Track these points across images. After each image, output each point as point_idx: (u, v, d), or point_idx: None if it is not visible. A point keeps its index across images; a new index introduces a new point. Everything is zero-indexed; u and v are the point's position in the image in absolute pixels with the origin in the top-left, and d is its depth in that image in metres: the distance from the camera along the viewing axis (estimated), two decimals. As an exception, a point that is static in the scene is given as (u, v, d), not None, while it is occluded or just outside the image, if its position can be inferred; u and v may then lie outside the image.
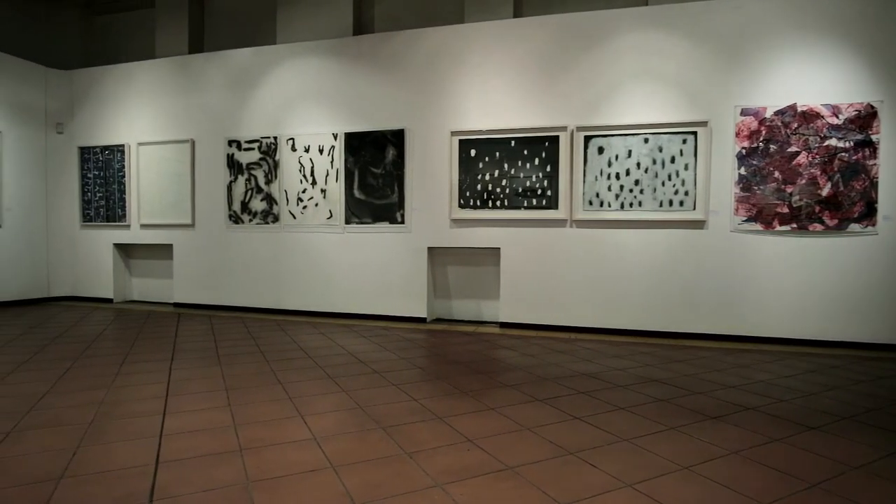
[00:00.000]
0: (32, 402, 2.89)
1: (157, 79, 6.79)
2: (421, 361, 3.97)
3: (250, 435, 2.45)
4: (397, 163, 5.58)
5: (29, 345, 4.39)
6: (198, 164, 6.50)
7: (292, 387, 3.24)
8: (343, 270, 5.85)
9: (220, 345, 4.45)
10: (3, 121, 6.66)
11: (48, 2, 7.60)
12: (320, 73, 5.97)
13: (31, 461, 2.15)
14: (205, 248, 6.47)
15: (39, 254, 7.10)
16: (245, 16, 7.04)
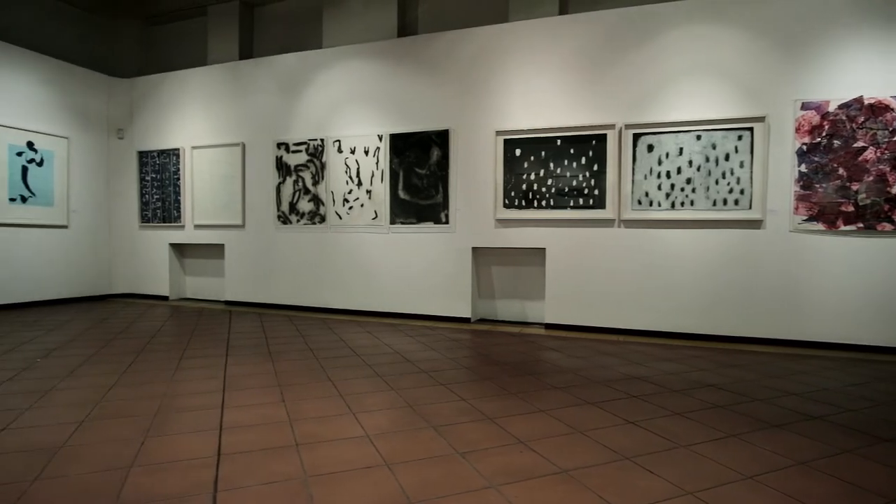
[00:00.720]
0: (102, 394, 3.05)
1: (210, 84, 7.04)
2: (467, 361, 3.97)
3: (305, 430, 2.50)
4: (442, 163, 5.60)
5: (95, 339, 4.63)
6: (248, 167, 6.71)
7: (343, 384, 3.29)
8: (387, 270, 5.92)
9: (270, 342, 4.57)
10: (71, 128, 7.06)
11: (110, 15, 8.00)
12: (365, 76, 6.05)
13: (103, 449, 2.27)
14: (254, 248, 6.67)
15: (102, 253, 7.49)
16: (292, 21, 7.22)
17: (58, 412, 2.74)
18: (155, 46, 8.22)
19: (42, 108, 6.74)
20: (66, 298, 7.04)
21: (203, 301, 7.30)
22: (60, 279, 6.96)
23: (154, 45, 8.23)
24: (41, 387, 3.18)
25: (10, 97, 6.40)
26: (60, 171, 6.92)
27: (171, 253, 7.37)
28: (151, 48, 8.23)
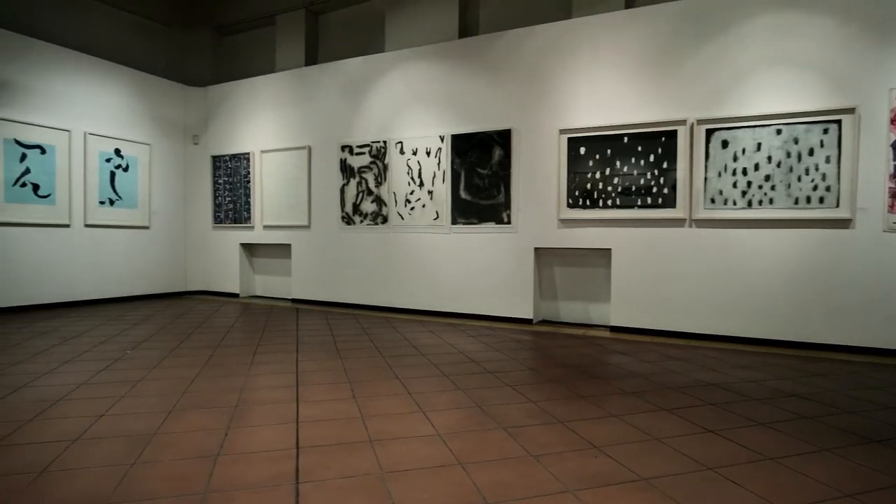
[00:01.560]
0: (186, 385, 3.23)
1: (278, 90, 7.32)
2: (532, 363, 3.93)
3: (378, 427, 2.55)
4: (503, 163, 5.57)
5: (176, 333, 4.91)
6: (313, 169, 6.92)
7: (410, 383, 3.33)
8: (449, 270, 5.95)
9: (337, 339, 4.70)
10: (152, 135, 7.53)
11: (186, 27, 8.47)
12: (427, 77, 6.11)
13: (192, 438, 2.40)
14: (319, 248, 6.88)
15: (179, 252, 7.95)
16: (355, 27, 7.39)
17: (148, 401, 2.92)
18: (227, 56, 8.64)
19: (127, 117, 7.23)
20: (147, 295, 7.52)
21: (271, 299, 7.60)
22: (142, 276, 7.44)
23: (226, 54, 8.65)
24: (132, 377, 3.41)
25: (101, 108, 6.90)
26: (143, 176, 7.40)
27: (241, 252, 7.71)
28: (224, 58, 8.65)
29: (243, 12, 8.08)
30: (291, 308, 6.72)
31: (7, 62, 6.01)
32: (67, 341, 4.49)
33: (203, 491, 1.90)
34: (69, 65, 6.59)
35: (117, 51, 7.52)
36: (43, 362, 3.76)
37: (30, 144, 6.18)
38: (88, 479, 1.98)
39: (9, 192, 5.99)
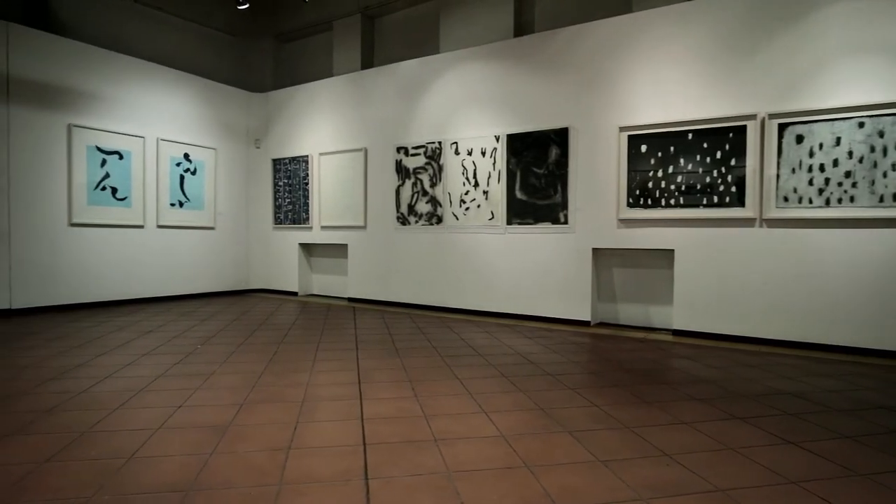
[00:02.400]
0: (254, 380, 3.35)
1: (335, 94, 7.50)
2: (593, 366, 3.84)
3: (441, 426, 2.56)
4: (561, 162, 5.49)
5: (241, 329, 5.11)
6: (369, 171, 7.05)
7: (470, 383, 3.33)
8: (503, 270, 5.91)
9: (395, 338, 4.76)
10: (218, 140, 7.89)
11: (249, 37, 8.82)
12: (482, 77, 6.10)
13: (263, 431, 2.48)
14: (375, 248, 7.00)
15: (241, 252, 8.28)
16: (410, 29, 7.47)
17: (221, 394, 3.05)
18: (287, 62, 8.93)
19: (195, 123, 7.60)
20: (212, 292, 7.87)
21: (328, 297, 7.79)
22: (208, 275, 7.80)
23: (286, 61, 8.94)
24: (204, 370, 3.57)
25: (172, 115, 7.28)
26: (209, 179, 7.75)
27: (299, 252, 7.95)
28: (284, 64, 8.95)
29: (302, 20, 8.33)
30: (348, 307, 6.86)
31: (91, 74, 6.44)
32: (144, 335, 4.76)
33: (277, 483, 1.96)
34: (144, 75, 6.99)
35: (187, 61, 7.92)
36: (124, 355, 4.00)
37: (109, 150, 6.60)
38: (172, 466, 2.09)
39: (91, 195, 6.42)
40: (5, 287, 5.76)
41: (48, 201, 6.07)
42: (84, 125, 6.36)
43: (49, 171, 6.08)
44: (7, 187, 5.75)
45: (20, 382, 3.24)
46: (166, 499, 1.84)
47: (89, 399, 2.93)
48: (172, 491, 1.89)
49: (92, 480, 1.97)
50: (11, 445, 2.29)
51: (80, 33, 6.78)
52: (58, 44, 6.19)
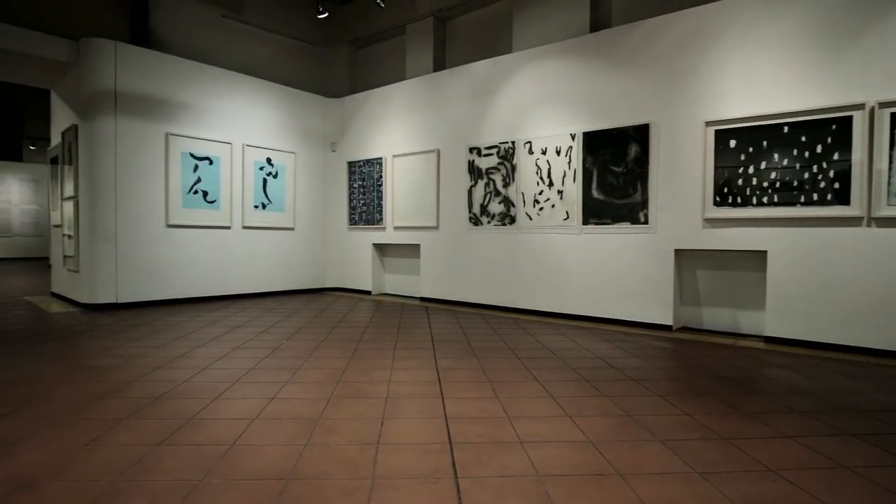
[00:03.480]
0: (338, 375, 3.46)
1: (408, 97, 7.63)
2: (679, 373, 3.67)
3: (526, 429, 2.53)
4: (640, 160, 5.29)
5: (322, 326, 5.31)
6: (442, 171, 7.11)
7: (551, 386, 3.28)
8: (579, 272, 5.77)
9: (470, 338, 4.77)
10: (297, 144, 8.24)
11: (325, 44, 9.16)
12: (557, 75, 5.99)
13: (352, 425, 2.56)
14: (447, 248, 7.05)
15: (318, 252, 8.61)
16: (482, 29, 7.47)
17: (308, 388, 3.17)
18: (361, 67, 9.20)
19: (277, 129, 7.98)
20: (291, 290, 8.23)
21: (400, 297, 7.94)
22: (287, 273, 8.16)
23: (361, 66, 9.21)
24: (291, 364, 3.73)
25: (255, 121, 7.69)
26: (289, 182, 8.12)
27: (373, 252, 8.16)
28: (359, 69, 9.22)
29: (376, 25, 8.55)
30: (420, 306, 6.96)
31: (185, 86, 6.93)
32: (233, 330, 5.05)
33: (370, 476, 2.02)
34: (231, 85, 7.43)
35: (269, 70, 8.35)
36: (218, 347, 4.26)
37: (200, 157, 7.06)
38: (271, 455, 2.20)
39: (185, 198, 6.90)
40: (112, 283, 6.31)
41: (148, 204, 6.58)
42: (179, 133, 6.84)
43: (149, 176, 6.59)
44: (114, 191, 6.29)
45: (132, 370, 3.53)
46: (268, 486, 1.93)
47: (192, 388, 3.14)
48: (273, 479, 1.99)
49: (201, 464, 2.10)
50: (130, 427, 2.49)
51: (176, 48, 7.31)
52: (157, 59, 6.70)
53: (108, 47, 6.28)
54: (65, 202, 6.97)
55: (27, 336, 4.68)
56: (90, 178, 6.27)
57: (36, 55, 6.17)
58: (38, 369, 3.54)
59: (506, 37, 7.08)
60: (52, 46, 6.24)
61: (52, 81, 7.22)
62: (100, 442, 2.32)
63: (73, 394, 3.01)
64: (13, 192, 17.03)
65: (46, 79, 7.12)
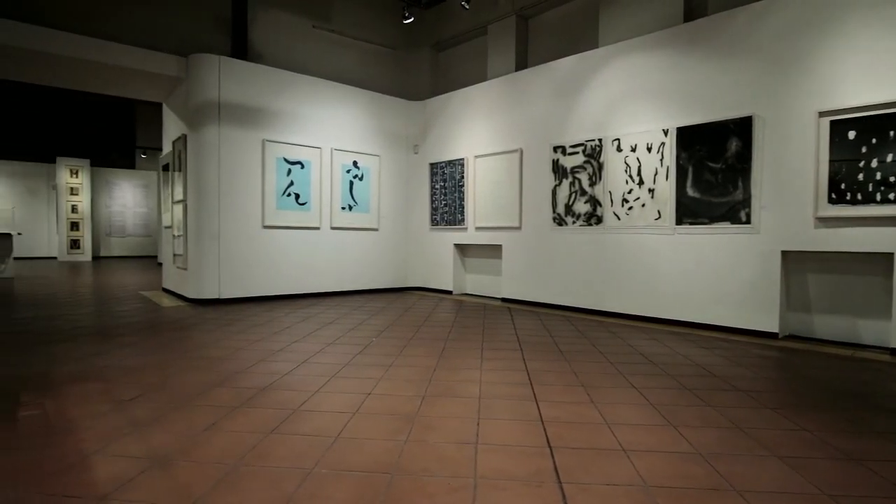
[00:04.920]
0: (429, 374, 3.52)
1: (490, 97, 7.62)
2: (792, 384, 3.40)
3: (627, 436, 2.44)
4: (741, 155, 4.95)
5: (408, 325, 5.42)
6: (525, 171, 7.04)
7: (649, 392, 3.14)
8: (671, 274, 5.50)
9: (557, 341, 4.68)
10: (381, 147, 8.48)
11: (407, 48, 9.36)
12: (647, 69, 5.74)
13: (448, 424, 2.58)
14: (530, 249, 6.97)
15: (401, 252, 8.80)
16: (566, 26, 7.32)
17: (402, 385, 3.24)
18: (442, 70, 9.31)
19: (362, 133, 8.25)
20: (375, 289, 8.48)
21: (481, 297, 7.95)
22: (373, 273, 8.42)
23: (442, 68, 9.33)
24: (383, 362, 3.84)
25: (342, 126, 8.00)
26: (374, 184, 8.37)
27: (454, 252, 8.22)
28: (440, 72, 9.34)
29: (458, 27, 8.61)
30: (502, 307, 6.92)
31: (279, 94, 7.33)
32: (325, 326, 5.28)
33: (472, 475, 2.02)
34: (321, 92, 7.77)
35: (355, 75, 8.65)
36: (313, 343, 4.47)
37: (293, 161, 7.44)
38: (374, 449, 2.26)
39: (279, 200, 7.30)
40: (215, 279, 6.80)
41: (247, 206, 7.02)
42: (274, 139, 7.25)
43: (247, 180, 7.04)
44: (218, 195, 6.78)
45: (238, 362, 3.78)
46: (375, 479, 1.99)
47: (293, 380, 3.31)
48: (379, 472, 2.04)
49: (310, 454, 2.21)
50: (243, 415, 2.66)
51: (271, 59, 7.75)
52: (254, 70, 7.14)
53: (213, 62, 6.78)
54: (175, 205, 7.60)
55: (146, 327, 5.15)
56: (197, 183, 6.79)
57: (151, 72, 6.78)
58: (158, 358, 3.88)
59: (591, 32, 6.88)
60: (165, 63, 6.83)
61: (164, 95, 7.90)
62: (218, 428, 2.50)
63: (189, 382, 3.26)
64: (127, 196, 18.83)
65: (160, 93, 7.80)
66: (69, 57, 6.20)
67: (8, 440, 2.34)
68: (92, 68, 6.62)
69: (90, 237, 17.44)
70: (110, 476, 1.99)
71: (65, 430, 2.45)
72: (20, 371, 3.49)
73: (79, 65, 6.49)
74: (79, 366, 3.63)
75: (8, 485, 1.92)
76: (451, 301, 7.52)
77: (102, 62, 6.40)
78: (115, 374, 3.44)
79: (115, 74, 6.90)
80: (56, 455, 2.18)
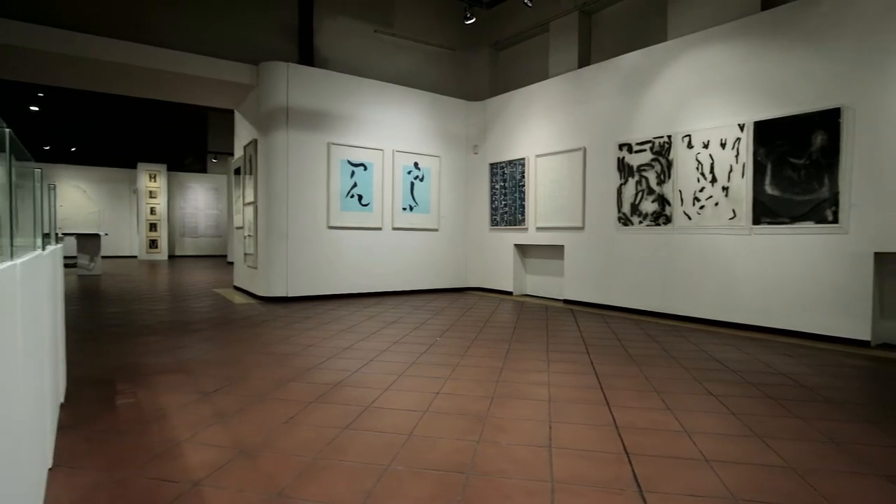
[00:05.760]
0: (496, 375, 3.50)
1: (552, 95, 7.51)
2: (890, 397, 3.14)
3: (708, 446, 2.33)
4: (828, 149, 4.63)
5: (470, 325, 5.42)
6: (588, 170, 6.89)
7: (729, 401, 2.99)
8: (748, 276, 5.22)
9: (624, 344, 4.54)
10: (441, 148, 8.54)
11: (467, 48, 9.38)
12: (721, 61, 5.48)
13: (520, 426, 2.56)
14: (593, 249, 6.80)
15: (460, 252, 8.83)
16: (632, 20, 7.10)
17: (469, 385, 3.25)
18: (502, 69, 9.26)
19: (422, 134, 8.34)
20: (435, 289, 8.54)
21: (542, 298, 7.84)
22: (433, 273, 8.49)
23: (501, 68, 9.28)
24: (449, 361, 3.85)
25: (403, 128, 8.11)
26: (434, 184, 8.44)
27: (514, 253, 8.16)
28: (499, 71, 9.30)
29: (518, 26, 8.55)
30: (564, 308, 6.80)
31: (342, 99, 7.53)
32: (389, 325, 5.36)
33: (548, 479, 1.99)
34: (382, 95, 7.92)
35: (415, 77, 8.76)
36: (379, 341, 4.55)
37: (356, 163, 7.62)
38: (447, 448, 2.27)
39: (343, 202, 7.50)
40: (284, 278, 7.06)
41: (313, 208, 7.26)
42: (338, 142, 7.45)
43: (313, 182, 7.27)
44: (286, 197, 7.04)
45: (309, 358, 3.90)
46: (451, 477, 2.00)
47: (363, 378, 3.39)
48: (454, 471, 2.05)
49: (386, 450, 2.24)
50: (318, 410, 2.75)
51: (335, 65, 7.97)
52: (320, 76, 7.37)
53: (282, 69, 7.05)
54: (246, 207, 7.96)
55: (222, 323, 5.41)
56: (266, 186, 7.08)
57: (226, 80, 7.13)
58: (234, 352, 4.08)
59: (659, 25, 6.64)
60: (239, 72, 7.16)
61: (236, 102, 8.29)
62: (296, 421, 2.58)
63: (266, 376, 3.40)
64: (200, 199, 19.92)
65: (233, 100, 8.19)
66: (152, 69, 6.63)
67: (114, 425, 2.52)
68: (172, 79, 7.05)
69: (167, 237, 18.58)
70: (201, 463, 2.10)
71: (158, 418, 2.61)
72: (115, 361, 3.76)
73: (160, 76, 6.92)
74: (164, 357, 3.87)
75: (117, 467, 2.07)
76: (512, 302, 7.46)
77: (182, 73, 6.80)
78: (198, 366, 3.63)
79: (192, 84, 7.31)
80: (152, 441, 2.32)
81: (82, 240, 11.17)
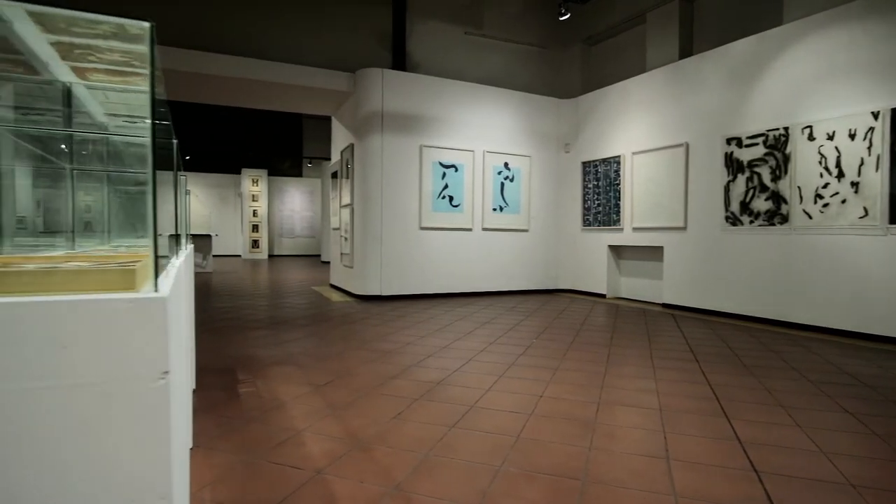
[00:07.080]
0: (599, 380, 3.39)
1: (650, 90, 7.17)
2: None
3: (852, 469, 2.10)
4: None
5: (565, 327, 5.31)
6: (691, 167, 6.50)
7: (870, 420, 2.68)
8: (883, 281, 4.67)
9: (737, 353, 4.23)
10: (531, 148, 8.44)
11: (557, 46, 9.20)
12: (848, 43, 4.95)
13: (631, 434, 2.46)
14: (697, 251, 6.41)
15: (551, 252, 8.67)
16: (740, 5, 6.61)
17: (572, 389, 3.17)
18: (594, 65, 8.99)
19: (512, 134, 8.28)
20: (525, 290, 8.45)
21: (638, 301, 7.51)
22: (522, 274, 8.41)
23: (593, 64, 9.01)
24: (548, 364, 3.79)
25: (493, 128, 8.10)
26: (525, 184, 8.35)
27: (608, 254, 7.88)
28: (592, 67, 9.03)
29: (612, 19, 8.25)
30: (664, 313, 6.47)
31: (435, 101, 7.66)
32: (483, 325, 5.37)
33: (670, 493, 1.89)
34: (473, 96, 7.96)
35: (504, 77, 8.73)
36: (476, 341, 4.57)
37: (447, 165, 7.72)
38: (558, 453, 2.23)
39: (434, 203, 7.62)
40: (378, 277, 7.30)
41: (405, 209, 7.44)
42: (430, 145, 7.59)
43: (406, 184, 7.45)
44: (381, 199, 7.28)
45: (409, 356, 4.00)
46: (566, 483, 1.96)
47: (463, 377, 3.41)
48: (569, 477, 2.01)
49: (496, 451, 2.24)
50: (424, 408, 2.80)
51: (427, 68, 8.13)
52: (412, 80, 7.54)
53: (377, 75, 7.30)
54: (342, 209, 8.32)
55: (324, 319, 5.70)
56: (362, 188, 7.36)
57: (326, 88, 7.49)
58: (339, 348, 4.27)
59: (772, 8, 6.12)
60: (337, 79, 7.51)
61: (334, 108, 8.70)
62: (404, 417, 2.65)
63: (371, 371, 3.53)
64: (296, 201, 21.13)
65: (331, 106, 8.60)
66: (268, 82, 7.12)
67: (239, 412, 2.72)
68: (281, 89, 7.53)
69: (267, 237, 19.88)
70: (321, 452, 2.21)
71: (276, 408, 2.79)
72: (234, 353, 4.07)
73: (272, 87, 7.42)
74: (276, 351, 4.13)
75: (246, 451, 2.23)
76: (606, 304, 7.21)
77: (290, 83, 7.25)
78: (307, 360, 3.84)
79: (297, 93, 7.76)
80: (275, 429, 2.48)
81: (197, 240, 12.24)
